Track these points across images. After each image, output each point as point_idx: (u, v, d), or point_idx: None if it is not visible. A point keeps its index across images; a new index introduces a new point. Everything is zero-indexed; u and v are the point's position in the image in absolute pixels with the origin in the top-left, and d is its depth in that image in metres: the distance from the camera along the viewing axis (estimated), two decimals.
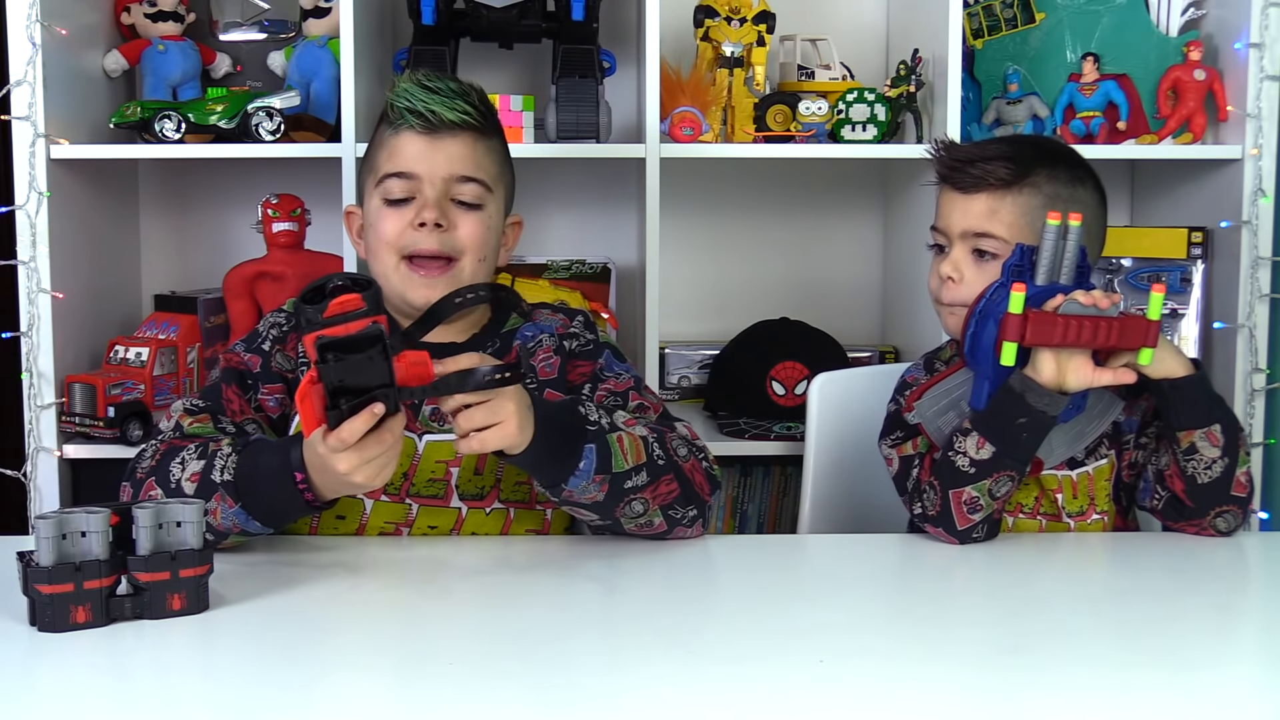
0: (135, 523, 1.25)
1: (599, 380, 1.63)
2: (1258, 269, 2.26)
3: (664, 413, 1.61)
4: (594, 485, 1.44)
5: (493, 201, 1.63)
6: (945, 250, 1.68)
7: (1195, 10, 2.41)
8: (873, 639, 1.27)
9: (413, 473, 1.57)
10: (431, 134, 1.59)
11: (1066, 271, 1.54)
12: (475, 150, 1.61)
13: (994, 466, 1.53)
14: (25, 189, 2.17)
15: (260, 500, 1.42)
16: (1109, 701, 1.11)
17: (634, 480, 1.46)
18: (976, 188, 1.64)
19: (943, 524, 1.56)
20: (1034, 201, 1.63)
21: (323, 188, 2.36)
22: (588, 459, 1.43)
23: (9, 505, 2.28)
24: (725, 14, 2.33)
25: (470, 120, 1.60)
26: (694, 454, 1.54)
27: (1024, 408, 1.51)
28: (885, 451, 1.68)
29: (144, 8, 2.42)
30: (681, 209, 2.58)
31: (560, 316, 1.69)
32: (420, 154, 1.60)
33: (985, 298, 1.55)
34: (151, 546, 1.25)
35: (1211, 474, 1.55)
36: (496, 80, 2.58)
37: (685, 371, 2.52)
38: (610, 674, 1.17)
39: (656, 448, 1.49)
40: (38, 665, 1.18)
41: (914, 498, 1.61)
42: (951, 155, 1.68)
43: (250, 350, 1.62)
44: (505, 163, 1.68)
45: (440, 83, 1.60)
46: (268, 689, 1.13)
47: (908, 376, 1.73)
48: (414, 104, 1.59)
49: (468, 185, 1.61)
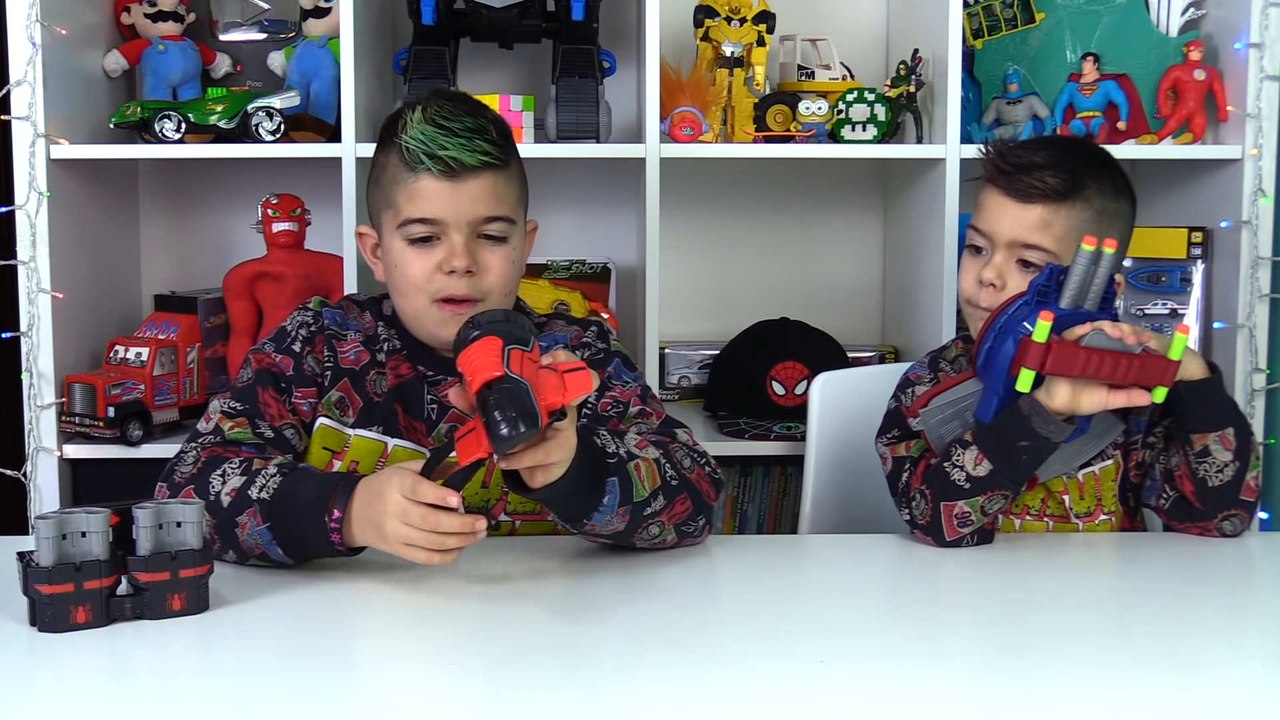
0: (135, 523, 1.25)
1: (605, 388, 1.61)
2: (1258, 269, 2.26)
3: (666, 419, 1.60)
4: (617, 517, 1.42)
5: (517, 231, 1.59)
6: (984, 253, 1.65)
7: (1195, 10, 2.41)
8: (873, 639, 1.27)
9: None
10: (453, 178, 1.53)
11: (1093, 298, 1.50)
12: (497, 186, 1.56)
13: (989, 484, 1.52)
14: (25, 189, 2.17)
15: (290, 525, 1.40)
16: (1109, 702, 1.11)
17: (653, 506, 1.45)
18: (1030, 198, 1.62)
19: (931, 533, 1.56)
20: (1084, 216, 1.62)
21: (323, 188, 2.36)
22: (611, 494, 1.41)
23: (9, 505, 2.28)
24: (725, 14, 2.33)
25: (491, 160, 1.54)
26: (697, 462, 1.53)
27: (1028, 431, 1.49)
28: (880, 450, 1.67)
29: (144, 8, 2.42)
30: (681, 209, 2.58)
31: (575, 329, 1.67)
32: (443, 199, 1.54)
33: (1006, 313, 1.52)
34: (152, 547, 1.25)
35: (1223, 477, 1.55)
36: (496, 80, 2.58)
37: (685, 371, 2.52)
38: (611, 674, 1.17)
39: (668, 467, 1.48)
40: (38, 665, 1.18)
41: (903, 502, 1.60)
42: (1006, 160, 1.64)
43: (281, 351, 1.59)
44: (523, 181, 1.63)
45: (456, 121, 1.53)
46: (268, 689, 1.13)
47: (911, 374, 1.73)
48: (432, 148, 1.52)
49: (494, 224, 1.56)
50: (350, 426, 1.59)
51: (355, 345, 1.62)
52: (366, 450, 1.58)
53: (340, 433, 1.58)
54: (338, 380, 1.60)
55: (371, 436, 1.58)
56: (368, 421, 1.59)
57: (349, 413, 1.59)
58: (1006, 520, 1.64)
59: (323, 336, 1.61)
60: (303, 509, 1.39)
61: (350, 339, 1.62)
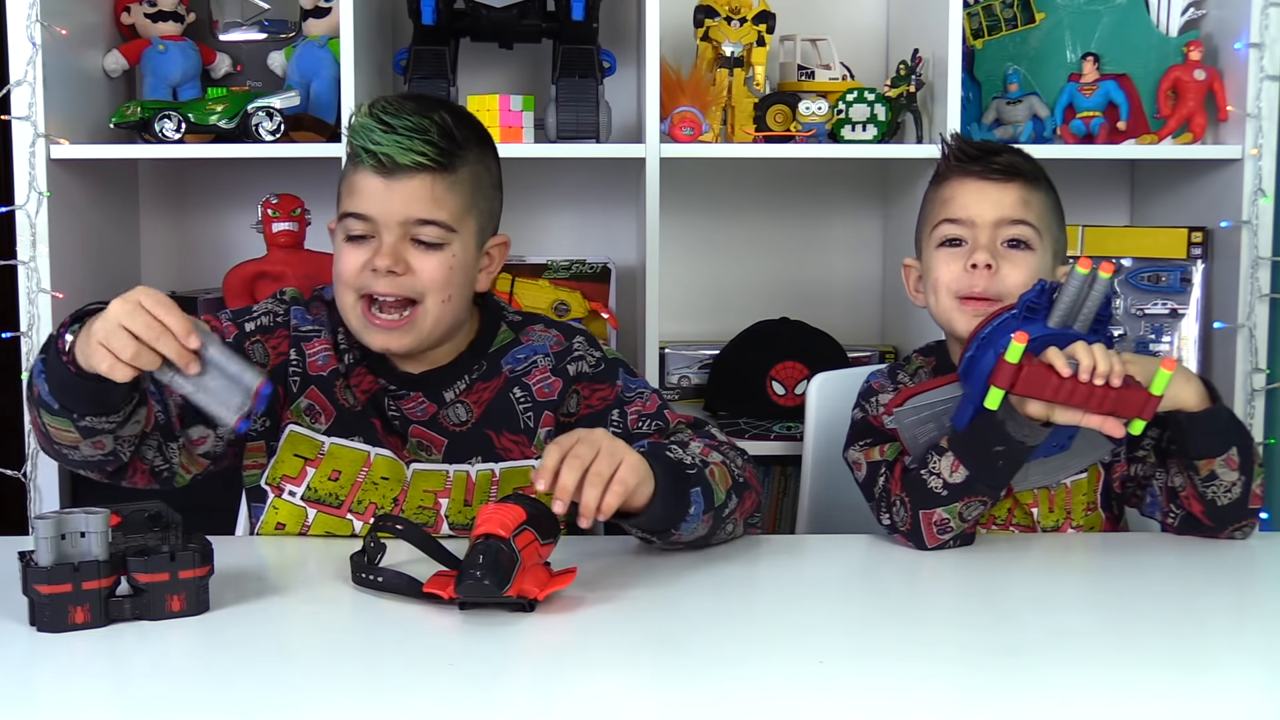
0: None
1: (624, 404, 1.61)
2: (1258, 269, 2.26)
3: (695, 420, 1.63)
4: (702, 524, 1.46)
5: (458, 239, 1.54)
6: (964, 244, 1.63)
7: (1195, 10, 2.41)
8: (872, 639, 1.27)
9: (402, 499, 1.58)
10: (387, 175, 1.51)
11: (1084, 319, 1.46)
12: (434, 190, 1.52)
13: (966, 490, 1.51)
14: (25, 189, 2.18)
15: (48, 358, 1.37)
16: (1109, 702, 1.11)
17: (729, 507, 1.49)
18: (1008, 176, 1.62)
19: (912, 539, 1.55)
20: (1049, 201, 1.63)
21: (323, 188, 2.35)
22: (697, 503, 1.43)
23: (9, 505, 2.28)
24: (725, 14, 2.33)
25: (427, 161, 1.50)
26: (739, 455, 1.58)
27: (1002, 436, 1.47)
28: (853, 456, 1.65)
29: (144, 8, 2.42)
30: (681, 209, 2.58)
31: (554, 333, 1.64)
32: (376, 196, 1.52)
33: (993, 324, 1.49)
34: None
35: (1231, 495, 1.53)
36: (496, 80, 2.58)
37: (685, 371, 2.52)
38: (610, 675, 1.17)
39: (732, 467, 1.52)
40: (37, 665, 1.18)
41: (881, 506, 1.58)
42: (972, 145, 1.65)
43: (232, 321, 1.59)
44: (477, 192, 1.57)
45: (400, 119, 1.50)
46: (267, 690, 1.13)
47: (874, 383, 1.70)
48: (367, 143, 1.50)
49: (426, 227, 1.52)
50: (324, 434, 1.58)
51: (324, 349, 1.59)
52: (349, 459, 1.57)
53: (313, 439, 1.58)
54: (305, 387, 1.58)
55: (355, 446, 1.58)
56: (345, 431, 1.58)
57: (320, 419, 1.58)
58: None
59: (287, 335, 1.59)
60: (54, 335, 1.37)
61: (318, 341, 1.60)
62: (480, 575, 1.25)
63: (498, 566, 1.25)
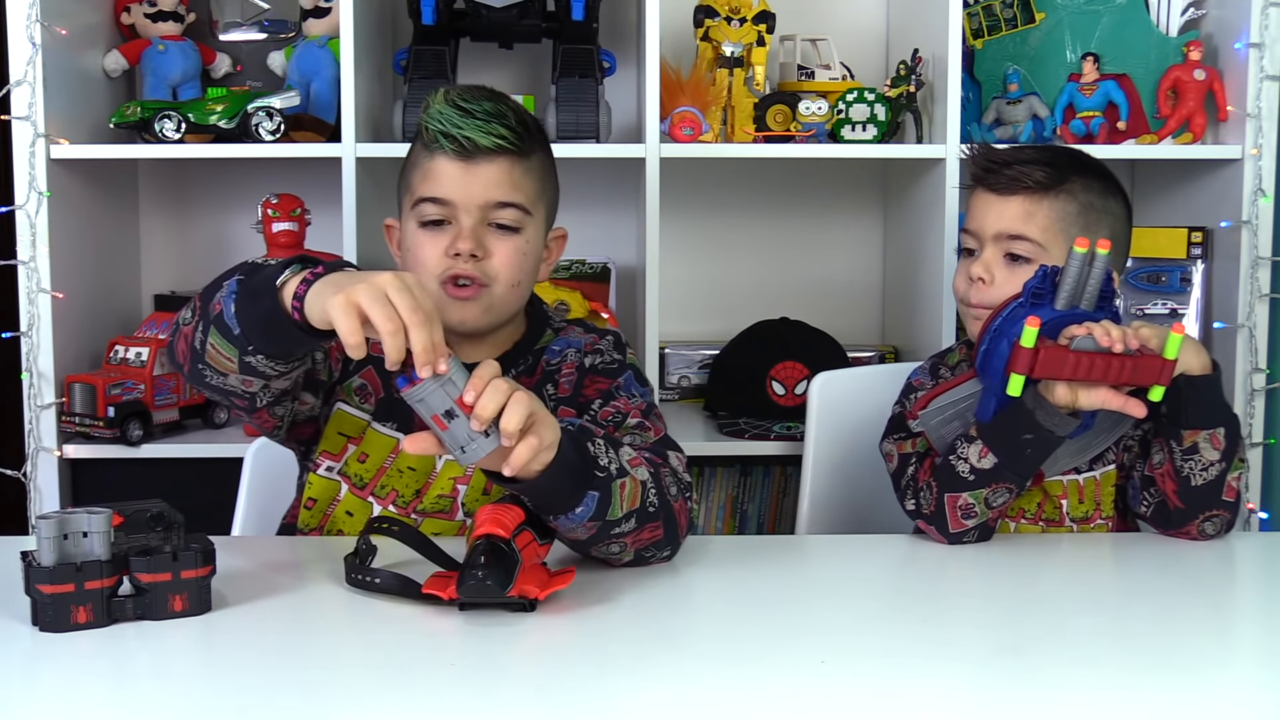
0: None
1: (610, 397, 1.59)
2: (1258, 269, 2.26)
3: (664, 438, 1.56)
4: (583, 528, 1.39)
5: (532, 224, 1.58)
6: (975, 253, 1.67)
7: (1195, 10, 2.41)
8: (873, 639, 1.27)
9: (425, 490, 1.58)
10: (467, 159, 1.53)
11: (1089, 298, 1.50)
12: (513, 174, 1.55)
13: (994, 477, 1.52)
14: (25, 189, 2.18)
15: (259, 280, 1.33)
16: (1109, 702, 1.11)
17: (622, 527, 1.40)
18: (1012, 189, 1.64)
19: (935, 523, 1.56)
20: (1069, 208, 1.63)
21: (323, 188, 2.36)
22: (586, 505, 1.37)
23: (9, 505, 2.29)
24: (725, 14, 2.33)
25: (506, 145, 1.54)
26: (683, 492, 1.48)
27: (1032, 424, 1.49)
28: (887, 448, 1.68)
29: (144, 8, 2.42)
30: (681, 209, 2.58)
31: (591, 336, 1.66)
32: (456, 180, 1.54)
33: (1002, 315, 1.52)
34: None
35: (1206, 476, 1.54)
36: (496, 80, 2.58)
37: (685, 371, 2.52)
38: (610, 675, 1.17)
39: (653, 492, 1.43)
40: (39, 665, 1.18)
41: (907, 493, 1.60)
42: (987, 157, 1.67)
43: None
44: (548, 178, 1.62)
45: (476, 104, 1.54)
46: (269, 690, 1.13)
47: (913, 380, 1.73)
48: (448, 128, 1.52)
49: (505, 210, 1.55)
50: (369, 415, 1.59)
51: None
52: (379, 444, 1.58)
53: (358, 419, 1.59)
54: (362, 367, 1.59)
55: (386, 432, 1.58)
56: (386, 416, 1.58)
57: (369, 400, 1.59)
58: (1001, 523, 1.64)
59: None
60: (276, 269, 1.34)
61: None
62: (482, 575, 1.25)
63: (499, 567, 1.26)
